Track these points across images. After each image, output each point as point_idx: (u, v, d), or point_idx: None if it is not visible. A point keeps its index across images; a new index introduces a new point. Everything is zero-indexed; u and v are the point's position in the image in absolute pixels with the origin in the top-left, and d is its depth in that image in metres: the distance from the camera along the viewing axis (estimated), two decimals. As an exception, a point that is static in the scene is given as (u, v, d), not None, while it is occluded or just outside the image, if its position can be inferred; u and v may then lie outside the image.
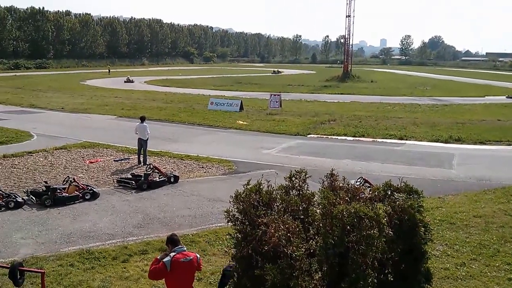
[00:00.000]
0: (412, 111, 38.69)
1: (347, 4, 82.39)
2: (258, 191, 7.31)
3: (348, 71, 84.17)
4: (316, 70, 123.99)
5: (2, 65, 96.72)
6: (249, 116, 34.05)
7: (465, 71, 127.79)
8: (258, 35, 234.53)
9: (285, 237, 6.37)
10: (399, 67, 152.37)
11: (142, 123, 20.07)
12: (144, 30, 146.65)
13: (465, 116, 35.44)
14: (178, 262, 6.92)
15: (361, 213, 6.45)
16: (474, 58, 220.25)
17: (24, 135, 25.21)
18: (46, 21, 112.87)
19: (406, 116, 35.34)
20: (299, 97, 49.72)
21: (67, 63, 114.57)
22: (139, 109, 36.26)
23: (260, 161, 20.49)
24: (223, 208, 8.23)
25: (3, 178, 16.91)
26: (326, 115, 35.05)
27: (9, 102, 40.33)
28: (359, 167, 19.59)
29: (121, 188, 16.23)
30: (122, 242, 11.58)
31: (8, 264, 8.64)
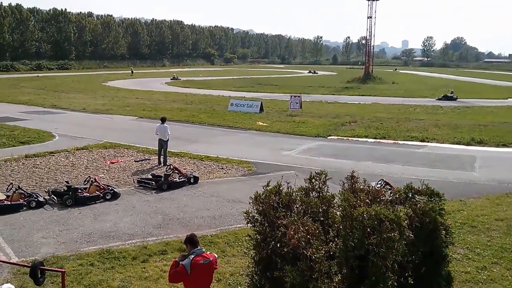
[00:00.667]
0: (434, 113, 38.27)
1: (368, 5, 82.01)
2: (278, 192, 7.29)
3: (369, 72, 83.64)
4: (337, 71, 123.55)
5: (25, 66, 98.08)
6: (269, 117, 34.01)
7: (487, 73, 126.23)
8: (278, 36, 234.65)
9: (305, 239, 6.33)
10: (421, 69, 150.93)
11: (163, 124, 20.16)
12: (165, 32, 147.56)
13: (487, 118, 34.95)
14: (198, 264, 6.89)
15: (382, 216, 6.39)
16: (497, 60, 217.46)
17: (46, 136, 25.50)
18: (68, 23, 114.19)
19: (427, 118, 34.96)
20: (320, 99, 49.51)
21: (89, 64, 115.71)
22: (159, 110, 36.45)
23: (279, 163, 20.43)
24: (243, 209, 8.21)
25: (25, 178, 17.13)
26: (346, 116, 34.84)
27: (31, 103, 40.84)
28: (380, 169, 19.41)
29: (141, 188, 16.32)
30: (142, 242, 11.63)
31: (29, 263, 8.73)
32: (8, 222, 12.78)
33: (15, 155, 20.30)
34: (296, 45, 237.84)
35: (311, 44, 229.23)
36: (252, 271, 7.29)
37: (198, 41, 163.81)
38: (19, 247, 11.15)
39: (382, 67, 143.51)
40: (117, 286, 9.42)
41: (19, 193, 14.09)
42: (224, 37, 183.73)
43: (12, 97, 44.74)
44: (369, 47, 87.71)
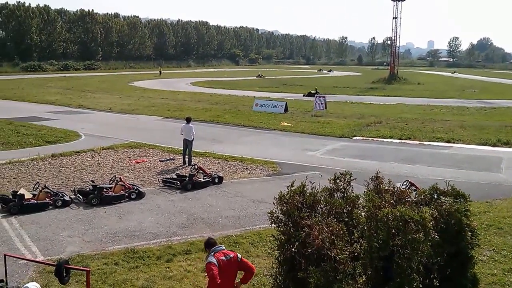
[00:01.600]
0: (460, 114, 37.69)
1: (394, 6, 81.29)
2: (302, 193, 7.25)
3: (394, 73, 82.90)
4: (362, 72, 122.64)
5: (52, 66, 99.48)
6: (293, 118, 33.92)
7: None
8: (303, 37, 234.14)
9: (329, 239, 6.28)
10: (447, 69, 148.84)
11: (188, 124, 20.24)
12: (191, 32, 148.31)
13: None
14: (220, 260, 6.93)
15: (407, 217, 6.33)
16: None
17: (72, 135, 25.84)
18: (95, 23, 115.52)
19: (453, 119, 34.45)
20: (345, 99, 49.20)
21: (115, 64, 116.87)
22: (184, 110, 36.64)
23: (304, 163, 20.35)
24: (267, 209, 8.18)
25: (51, 177, 17.36)
26: (371, 117, 34.55)
27: (58, 103, 41.41)
28: (405, 170, 19.19)
29: (166, 188, 16.40)
30: (166, 242, 11.68)
31: (54, 262, 8.84)
32: (34, 221, 12.97)
33: (42, 155, 20.59)
34: (321, 45, 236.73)
35: (336, 45, 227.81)
36: (276, 271, 7.26)
37: (223, 42, 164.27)
38: (45, 246, 11.30)
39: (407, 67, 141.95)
40: (141, 286, 9.46)
41: (45, 192, 14.28)
42: (249, 37, 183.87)
43: (39, 97, 45.47)
44: (394, 47, 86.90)
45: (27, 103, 41.58)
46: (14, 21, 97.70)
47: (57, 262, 8.02)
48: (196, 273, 9.95)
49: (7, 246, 11.10)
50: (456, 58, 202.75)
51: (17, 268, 9.86)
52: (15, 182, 16.56)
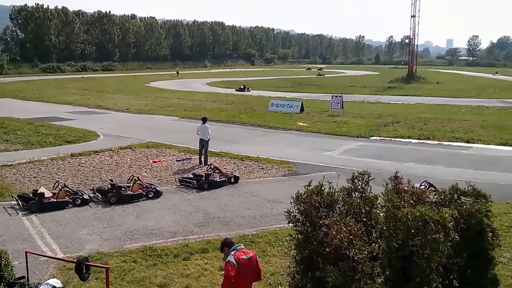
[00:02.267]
0: (480, 114, 37.20)
1: (412, 4, 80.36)
2: (320, 192, 7.23)
3: (412, 72, 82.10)
4: (379, 71, 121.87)
5: (71, 67, 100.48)
6: (309, 118, 33.85)
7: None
8: (319, 36, 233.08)
9: (347, 239, 6.27)
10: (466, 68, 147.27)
11: (204, 124, 20.33)
12: (207, 33, 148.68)
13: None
14: (240, 259, 6.96)
15: (427, 217, 6.28)
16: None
17: (91, 135, 26.10)
18: (112, 25, 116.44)
19: (473, 118, 34.04)
20: (362, 99, 48.94)
21: (132, 65, 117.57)
22: (200, 110, 36.77)
23: (320, 163, 20.29)
24: (283, 209, 8.19)
25: (70, 176, 17.56)
26: (389, 117, 34.28)
27: (77, 103, 41.87)
28: (424, 170, 19.03)
29: (183, 187, 16.50)
30: (184, 240, 11.76)
31: (74, 259, 8.95)
32: (54, 219, 13.14)
33: (61, 154, 20.85)
34: (337, 45, 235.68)
35: (353, 44, 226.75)
36: (294, 270, 7.26)
37: (238, 42, 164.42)
38: (65, 243, 11.44)
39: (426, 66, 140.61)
40: (159, 283, 9.54)
41: (65, 191, 14.46)
42: (265, 37, 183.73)
43: (58, 98, 46.00)
44: (413, 46, 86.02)
45: (46, 103, 42.12)
46: (33, 23, 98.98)
47: (77, 259, 8.13)
48: (213, 272, 10.00)
49: (28, 244, 11.26)
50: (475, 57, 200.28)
51: (38, 265, 9.99)
52: (35, 181, 16.81)
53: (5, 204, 14.28)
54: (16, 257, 9.76)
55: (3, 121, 29.75)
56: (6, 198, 14.73)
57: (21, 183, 16.66)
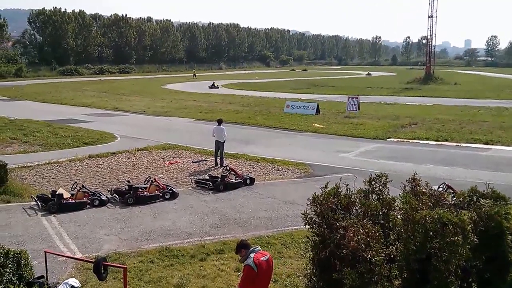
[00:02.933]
0: (499, 115, 36.73)
1: (429, 4, 79.68)
2: (336, 194, 7.22)
3: (430, 73, 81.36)
4: (396, 72, 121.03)
5: (88, 70, 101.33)
6: (325, 119, 33.75)
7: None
8: (335, 37, 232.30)
9: (365, 241, 6.25)
10: (485, 69, 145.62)
11: (220, 126, 20.36)
12: (222, 35, 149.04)
13: (556, 120, 33.27)
14: (260, 261, 6.93)
15: (445, 219, 6.24)
16: None
17: (108, 137, 26.30)
18: (128, 28, 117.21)
19: (492, 119, 33.63)
20: (379, 100, 48.64)
21: (149, 68, 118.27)
22: (216, 112, 36.87)
23: (337, 165, 20.21)
24: (299, 211, 8.19)
25: (88, 177, 17.73)
26: (407, 118, 34.03)
27: (94, 105, 42.24)
28: (442, 172, 18.86)
29: (199, 188, 16.55)
30: (200, 241, 11.79)
31: (92, 259, 9.03)
32: (72, 220, 13.27)
33: (79, 156, 21.04)
34: (353, 45, 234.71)
35: (369, 45, 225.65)
36: (310, 272, 7.26)
37: (254, 44, 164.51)
38: (83, 244, 11.55)
39: (443, 67, 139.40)
40: (176, 284, 9.58)
41: (83, 192, 14.59)
42: (280, 39, 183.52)
43: (76, 100, 46.48)
44: (430, 47, 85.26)
45: (64, 106, 42.59)
46: (50, 27, 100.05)
47: (95, 259, 8.20)
48: (229, 272, 10.02)
49: (47, 244, 11.39)
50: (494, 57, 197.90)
51: (57, 264, 10.10)
52: (54, 182, 17.00)
53: (25, 204, 14.45)
54: (35, 257, 9.88)
55: (22, 123, 30.14)
56: (26, 199, 14.91)
57: (40, 184, 16.86)
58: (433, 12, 79.88)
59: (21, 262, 7.51)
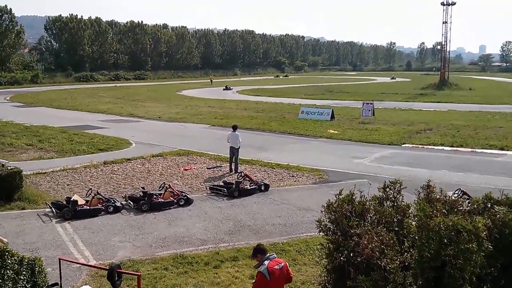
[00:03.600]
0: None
1: (443, 10, 79.33)
2: (351, 201, 7.19)
3: (445, 78, 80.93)
4: (411, 77, 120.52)
5: (104, 76, 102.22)
6: (340, 125, 33.65)
7: None
8: (350, 43, 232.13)
9: (379, 249, 6.20)
10: (500, 74, 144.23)
11: (234, 131, 20.38)
12: (237, 41, 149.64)
13: None
14: (273, 270, 6.91)
15: (459, 226, 6.17)
16: None
17: (123, 143, 26.45)
18: (144, 34, 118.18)
19: (507, 125, 33.27)
20: (393, 106, 48.46)
21: (164, 74, 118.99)
22: (231, 118, 36.94)
23: (351, 171, 20.12)
24: (314, 217, 8.15)
25: (103, 184, 17.82)
26: (421, 124, 33.83)
27: (110, 112, 42.57)
28: (457, 178, 18.69)
29: (213, 195, 16.56)
30: (214, 248, 11.78)
31: (107, 266, 9.05)
32: (87, 226, 13.34)
33: (95, 162, 21.16)
34: (368, 51, 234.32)
35: (384, 50, 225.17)
36: (325, 280, 7.22)
37: (269, 50, 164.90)
38: (97, 250, 11.60)
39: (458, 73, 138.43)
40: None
41: (97, 198, 14.67)
42: (295, 45, 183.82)
43: (92, 106, 46.88)
44: (445, 52, 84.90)
45: (80, 112, 42.97)
46: (67, 33, 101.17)
47: (109, 266, 8.21)
48: (244, 280, 9.99)
49: (61, 250, 11.46)
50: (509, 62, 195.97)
51: (71, 271, 10.15)
52: (68, 189, 17.11)
53: (39, 211, 14.55)
54: (49, 263, 9.94)
55: (38, 130, 30.43)
56: (40, 206, 15.00)
57: (55, 190, 16.98)
58: (447, 18, 79.56)
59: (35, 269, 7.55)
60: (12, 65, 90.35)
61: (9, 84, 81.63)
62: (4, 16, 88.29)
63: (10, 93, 63.92)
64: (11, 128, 31.33)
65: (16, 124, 33.42)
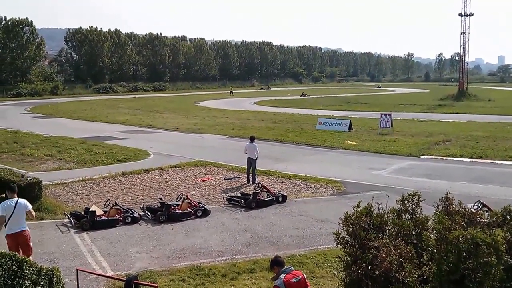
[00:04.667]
0: (536, 131, 35.82)
1: (461, 21, 78.90)
2: (369, 213, 7.14)
3: (464, 89, 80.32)
4: (429, 88, 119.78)
5: (123, 88, 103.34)
6: (358, 136, 33.50)
7: None
8: (368, 54, 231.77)
9: (397, 262, 6.14)
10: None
11: (252, 142, 20.39)
12: (255, 53, 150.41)
13: None
14: (290, 283, 6.86)
15: (478, 239, 6.10)
16: None
17: (141, 154, 26.60)
18: (163, 46, 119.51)
19: (528, 136, 32.82)
20: (412, 117, 48.12)
21: (182, 85, 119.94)
22: (248, 129, 37.01)
23: (369, 182, 19.98)
24: (332, 229, 8.10)
25: (121, 194, 17.92)
26: (440, 135, 33.53)
27: (128, 123, 42.93)
28: (476, 190, 18.43)
29: (231, 206, 16.54)
30: (231, 260, 11.74)
31: (124, 277, 9.08)
32: (105, 237, 13.40)
33: (113, 172, 21.32)
34: (386, 62, 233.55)
35: (402, 61, 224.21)
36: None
37: (286, 61, 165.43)
38: (115, 261, 11.63)
39: (477, 84, 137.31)
40: (207, 303, 9.54)
41: (116, 209, 14.74)
42: (312, 56, 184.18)
43: (111, 117, 47.36)
44: (463, 63, 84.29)
45: (99, 123, 43.43)
46: (87, 45, 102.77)
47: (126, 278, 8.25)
48: (261, 292, 9.94)
49: (79, 261, 11.52)
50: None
51: (89, 282, 10.20)
52: (87, 199, 17.24)
53: (58, 221, 14.66)
54: (67, 274, 10.00)
55: (57, 140, 30.78)
56: (59, 216, 15.13)
57: (74, 201, 17.11)
58: (465, 28, 79.11)
59: (53, 279, 7.60)
60: (32, 77, 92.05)
61: (30, 95, 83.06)
62: (25, 28, 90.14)
63: (30, 104, 64.96)
64: (31, 139, 31.77)
65: (36, 135, 33.88)
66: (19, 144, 29.09)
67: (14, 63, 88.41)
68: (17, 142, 30.11)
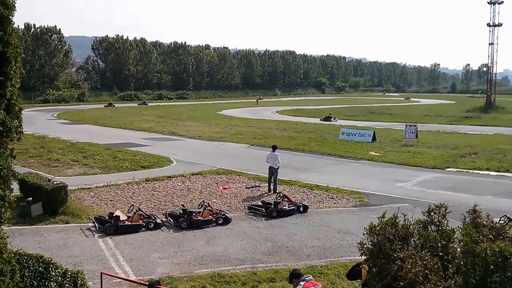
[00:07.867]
0: None
1: (489, 31, 77.94)
2: (394, 224, 7.03)
3: (491, 101, 79.09)
4: (456, 100, 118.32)
5: (147, 96, 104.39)
6: (382, 147, 33.19)
7: None
8: (393, 64, 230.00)
9: (423, 273, 6.03)
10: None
11: (274, 152, 20.36)
12: (278, 62, 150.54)
13: None
14: None
15: (506, 253, 5.96)
16: None
17: (164, 161, 26.79)
18: (187, 55, 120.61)
19: (557, 150, 32.10)
20: (437, 128, 47.53)
21: (205, 94, 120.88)
22: (270, 138, 37.01)
23: (393, 195, 19.74)
24: (353, 241, 8.02)
25: (144, 200, 18.05)
26: (466, 147, 32.99)
27: (152, 130, 43.33)
28: (503, 204, 18.06)
29: (252, 214, 16.53)
30: (252, 268, 11.72)
31: (146, 281, 9.12)
32: (128, 242, 13.50)
33: (137, 179, 21.52)
34: (411, 72, 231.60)
35: (428, 72, 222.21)
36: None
37: (309, 70, 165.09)
38: (137, 266, 11.71)
39: (505, 96, 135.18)
40: (227, 311, 9.51)
41: (139, 215, 14.86)
42: (336, 65, 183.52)
43: (135, 125, 47.86)
44: (491, 74, 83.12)
45: (123, 130, 43.93)
46: (113, 53, 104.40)
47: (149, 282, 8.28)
48: (282, 302, 9.87)
49: (102, 265, 11.63)
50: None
51: (112, 286, 10.28)
52: (111, 204, 17.41)
53: (82, 225, 14.85)
54: (91, 277, 10.09)
55: (83, 146, 31.22)
56: (84, 220, 15.32)
57: (98, 205, 17.31)
58: (494, 39, 78.10)
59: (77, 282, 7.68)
60: (60, 83, 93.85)
61: (57, 101, 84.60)
62: (53, 36, 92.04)
63: (57, 111, 66.10)
64: (58, 144, 32.28)
65: (62, 140, 34.41)
66: (46, 149, 29.59)
67: (42, 70, 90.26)
68: (44, 147, 30.62)
